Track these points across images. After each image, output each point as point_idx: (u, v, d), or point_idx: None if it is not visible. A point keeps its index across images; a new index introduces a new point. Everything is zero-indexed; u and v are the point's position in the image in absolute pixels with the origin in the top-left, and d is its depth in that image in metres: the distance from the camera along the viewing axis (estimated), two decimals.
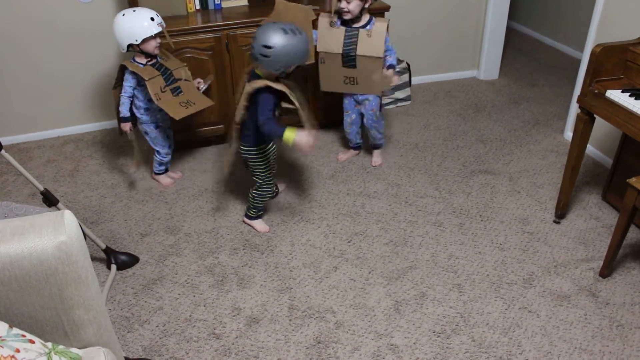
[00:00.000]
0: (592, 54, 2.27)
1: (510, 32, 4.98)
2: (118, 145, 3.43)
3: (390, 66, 2.79)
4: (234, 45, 3.01)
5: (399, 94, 3.80)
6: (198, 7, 3.19)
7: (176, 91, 2.71)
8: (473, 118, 3.70)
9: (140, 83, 2.68)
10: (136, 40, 2.58)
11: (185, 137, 3.18)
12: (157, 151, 2.94)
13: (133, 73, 2.65)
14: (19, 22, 3.16)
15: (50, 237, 1.34)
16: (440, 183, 3.00)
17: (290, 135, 2.20)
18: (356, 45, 2.75)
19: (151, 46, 2.63)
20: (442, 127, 3.58)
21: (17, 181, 3.07)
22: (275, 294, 2.30)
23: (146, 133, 2.88)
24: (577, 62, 3.96)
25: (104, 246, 2.40)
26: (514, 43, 5.00)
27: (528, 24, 5.28)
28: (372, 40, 2.73)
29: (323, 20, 2.78)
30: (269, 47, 2.17)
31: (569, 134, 3.37)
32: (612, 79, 2.33)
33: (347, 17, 2.71)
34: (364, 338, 2.08)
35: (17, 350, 1.19)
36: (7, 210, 2.04)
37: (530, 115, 3.72)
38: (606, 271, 2.33)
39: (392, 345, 2.05)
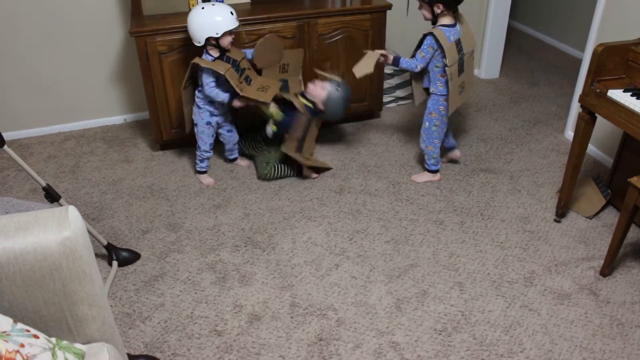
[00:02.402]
0: (594, 53, 2.27)
1: (511, 31, 5.00)
2: (119, 141, 3.43)
3: (395, 60, 2.76)
4: (237, 43, 3.01)
5: (400, 93, 3.80)
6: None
7: (248, 80, 2.79)
8: (474, 117, 3.70)
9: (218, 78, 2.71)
10: (217, 34, 2.60)
11: (185, 135, 3.18)
12: (198, 146, 2.93)
13: (208, 70, 2.66)
14: (19, 17, 3.15)
15: (55, 232, 1.34)
16: (441, 182, 3.00)
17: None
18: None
19: (226, 41, 2.66)
20: None
21: (18, 177, 3.07)
22: (276, 291, 2.30)
23: (196, 124, 2.89)
24: (578, 61, 3.97)
25: (105, 242, 2.40)
26: (515, 42, 5.00)
27: (529, 23, 5.28)
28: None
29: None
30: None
31: (569, 133, 3.38)
32: (614, 79, 2.34)
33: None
34: (366, 336, 2.09)
35: (22, 345, 1.19)
36: (8, 206, 2.03)
37: (531, 115, 3.73)
38: (607, 270, 2.34)
39: (393, 342, 2.06)
